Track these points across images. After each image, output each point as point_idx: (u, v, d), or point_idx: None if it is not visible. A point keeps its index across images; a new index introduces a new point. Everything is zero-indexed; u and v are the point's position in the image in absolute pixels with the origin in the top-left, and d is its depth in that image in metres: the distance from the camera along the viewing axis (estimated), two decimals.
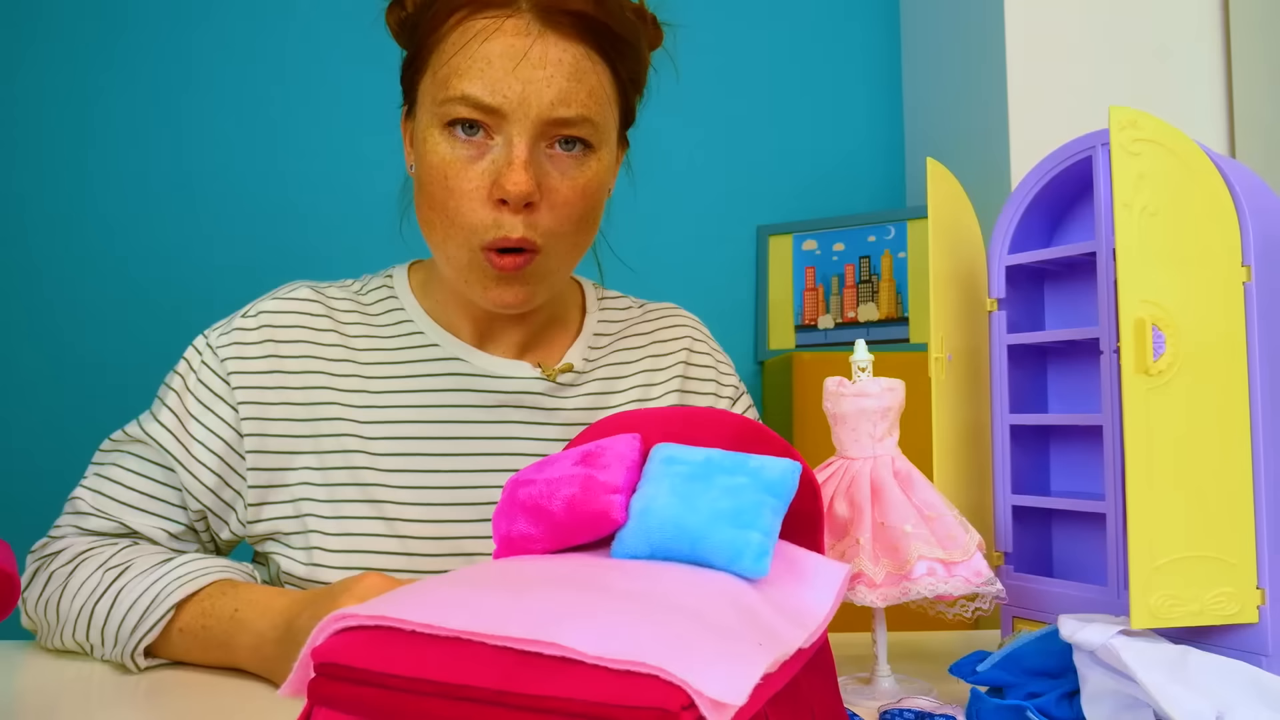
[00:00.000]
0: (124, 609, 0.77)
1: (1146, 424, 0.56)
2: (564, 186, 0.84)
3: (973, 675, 0.60)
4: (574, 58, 0.82)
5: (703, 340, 1.05)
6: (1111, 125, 0.57)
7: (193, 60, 2.21)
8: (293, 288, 0.94)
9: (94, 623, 0.78)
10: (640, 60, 0.91)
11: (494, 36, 0.81)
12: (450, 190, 0.83)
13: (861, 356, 0.68)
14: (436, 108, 0.83)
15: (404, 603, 0.42)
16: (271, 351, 0.89)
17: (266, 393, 0.88)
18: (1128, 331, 0.56)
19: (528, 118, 0.81)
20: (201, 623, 0.76)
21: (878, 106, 2.35)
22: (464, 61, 0.81)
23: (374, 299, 0.96)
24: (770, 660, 0.39)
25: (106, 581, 0.79)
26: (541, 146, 0.83)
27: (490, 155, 0.82)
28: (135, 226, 2.17)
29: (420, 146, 0.85)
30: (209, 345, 0.89)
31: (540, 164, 0.83)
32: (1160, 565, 0.56)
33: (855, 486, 0.65)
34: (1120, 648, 0.52)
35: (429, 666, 0.39)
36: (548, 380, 0.93)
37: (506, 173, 0.81)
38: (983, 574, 0.63)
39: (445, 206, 0.83)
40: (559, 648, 0.37)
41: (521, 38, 0.81)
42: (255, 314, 0.91)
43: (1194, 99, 1.88)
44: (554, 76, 0.81)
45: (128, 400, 0.94)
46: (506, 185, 0.80)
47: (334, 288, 0.96)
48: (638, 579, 0.44)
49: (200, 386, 0.88)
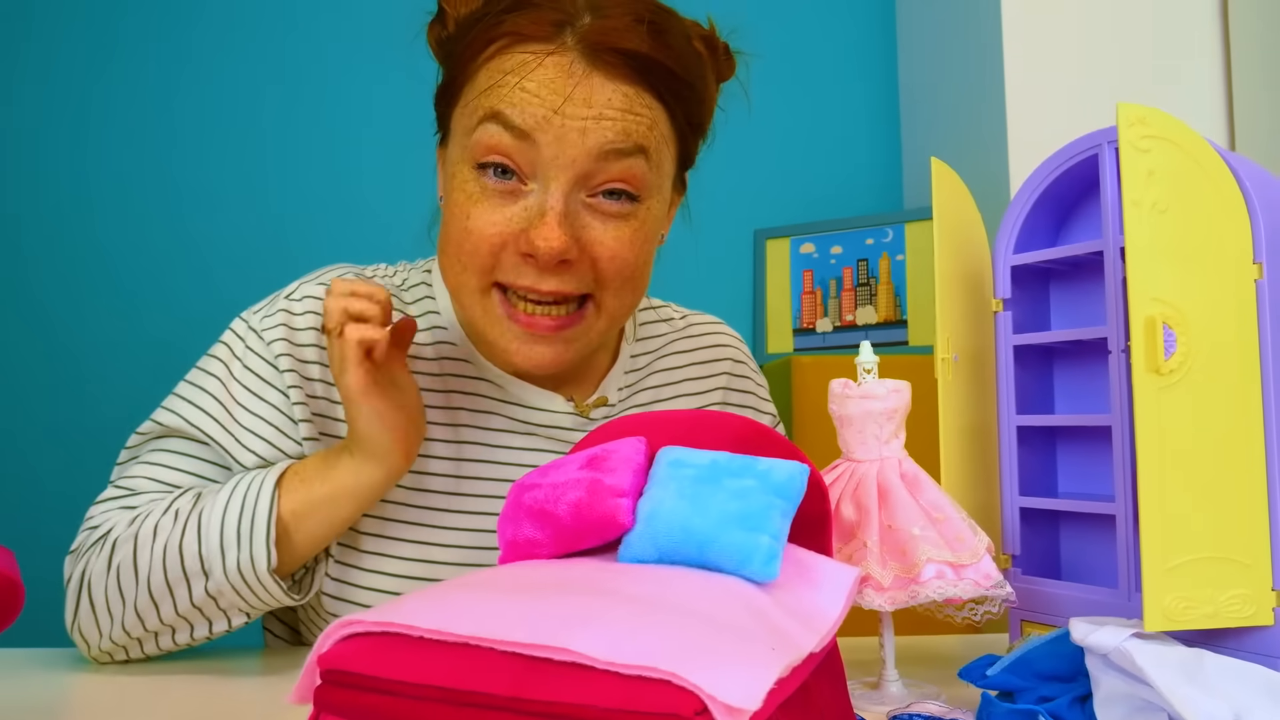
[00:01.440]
0: (220, 514, 0.74)
1: (1158, 424, 0.55)
2: (609, 239, 0.76)
3: (982, 679, 0.59)
4: (625, 97, 0.74)
5: (744, 363, 1.01)
6: (1120, 122, 0.57)
7: (189, 65, 2.21)
8: (337, 274, 0.88)
9: (187, 553, 0.73)
10: (703, 101, 0.83)
11: (536, 73, 0.73)
12: (469, 231, 0.75)
13: (867, 358, 0.67)
14: (466, 139, 0.76)
15: (411, 608, 0.41)
16: (315, 340, 0.83)
17: (314, 385, 0.82)
18: (1138, 330, 0.56)
19: (567, 158, 0.73)
20: (300, 476, 0.77)
21: (875, 109, 2.35)
22: (504, 95, 0.74)
23: (414, 297, 0.90)
24: (783, 664, 0.38)
25: (186, 515, 0.75)
26: (581, 196, 0.75)
27: (523, 203, 0.75)
28: (135, 229, 2.17)
29: (450, 181, 0.79)
30: (252, 329, 0.83)
31: (578, 216, 0.75)
32: (1173, 567, 0.55)
33: (862, 489, 0.65)
34: (1134, 651, 0.51)
35: (437, 673, 0.39)
36: (580, 415, 0.88)
37: (538, 226, 0.73)
38: (992, 577, 0.62)
39: (460, 248, 0.77)
40: (569, 653, 0.37)
41: (564, 78, 0.73)
42: (301, 298, 0.84)
43: (1193, 99, 1.88)
44: (602, 116, 0.73)
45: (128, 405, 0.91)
46: (536, 241, 0.73)
47: (379, 279, 0.90)
48: (647, 583, 0.44)
49: (246, 373, 0.82)
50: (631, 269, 0.78)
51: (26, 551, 0.80)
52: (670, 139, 0.80)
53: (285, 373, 0.81)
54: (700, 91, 0.82)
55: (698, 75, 0.81)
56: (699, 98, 0.82)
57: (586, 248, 0.76)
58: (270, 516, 0.74)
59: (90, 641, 0.78)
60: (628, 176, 0.75)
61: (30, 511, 1.98)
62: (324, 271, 0.88)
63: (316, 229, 2.19)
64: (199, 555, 0.73)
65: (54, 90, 2.18)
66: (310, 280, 0.87)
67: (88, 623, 0.77)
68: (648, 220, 0.79)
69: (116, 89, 2.19)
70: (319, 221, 2.19)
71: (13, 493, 2.05)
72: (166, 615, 0.75)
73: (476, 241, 0.75)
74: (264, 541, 0.73)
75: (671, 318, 1.01)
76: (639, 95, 0.75)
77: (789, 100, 2.32)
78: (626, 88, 0.75)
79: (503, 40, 0.75)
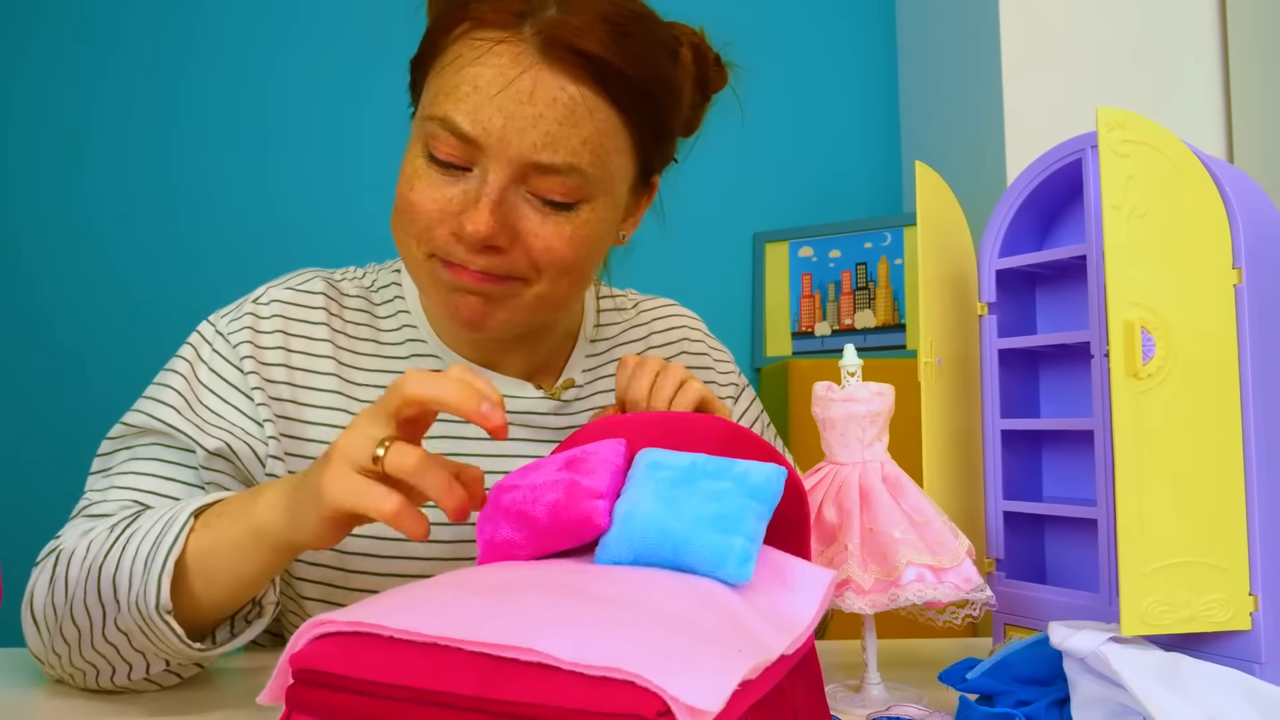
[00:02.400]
0: (139, 539, 0.67)
1: (1136, 428, 0.55)
2: (544, 231, 0.76)
3: (962, 683, 0.60)
4: (570, 99, 0.74)
5: (701, 341, 1.03)
6: (1100, 126, 0.57)
7: (190, 66, 2.21)
8: (306, 278, 0.89)
9: (104, 575, 0.67)
10: (672, 111, 0.82)
11: (485, 59, 0.74)
12: (411, 203, 0.77)
13: (850, 361, 0.67)
14: (422, 121, 0.77)
15: (382, 609, 0.41)
16: (282, 344, 0.83)
17: (277, 387, 0.82)
18: (1117, 334, 0.56)
19: (505, 154, 0.73)
20: (218, 512, 0.68)
21: (874, 113, 2.35)
22: (452, 79, 0.75)
23: (382, 299, 0.90)
24: (749, 666, 0.39)
25: (116, 534, 0.70)
26: (521, 189, 0.76)
27: (463, 185, 0.76)
28: (133, 231, 2.17)
29: (407, 149, 0.80)
30: (218, 332, 0.83)
31: (515, 206, 0.76)
32: (1151, 571, 0.55)
33: (844, 492, 0.65)
34: (1110, 655, 0.51)
35: (406, 672, 0.39)
36: (552, 399, 0.89)
37: (469, 211, 0.74)
38: (972, 580, 0.62)
39: (403, 215, 0.78)
40: (536, 654, 0.37)
41: (512, 66, 0.73)
42: (268, 301, 0.85)
43: (1191, 103, 1.88)
44: (542, 116, 0.73)
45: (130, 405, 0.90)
46: (465, 225, 0.74)
47: (347, 282, 0.91)
48: (617, 584, 0.44)
49: (211, 375, 0.82)
50: (568, 263, 0.78)
51: (28, 553, 0.80)
52: (625, 147, 0.79)
53: (249, 374, 0.81)
54: (669, 101, 0.80)
55: (665, 83, 0.80)
56: (665, 108, 0.80)
57: (520, 237, 0.76)
58: (171, 548, 0.66)
59: (41, 659, 0.73)
60: (561, 189, 0.75)
61: (31, 512, 1.99)
62: (291, 276, 0.89)
63: (317, 230, 2.20)
64: (113, 581, 0.67)
65: (53, 90, 2.19)
66: (278, 284, 0.87)
67: (32, 639, 0.72)
68: (591, 220, 0.78)
69: (116, 88, 2.20)
70: (319, 222, 2.20)
71: (14, 494, 2.06)
72: (88, 648, 0.69)
73: (415, 213, 0.77)
74: (158, 575, 0.65)
75: (624, 306, 1.01)
76: (585, 99, 0.74)
77: (788, 104, 2.32)
78: (574, 89, 0.74)
79: (465, 24, 0.76)
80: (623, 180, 0.80)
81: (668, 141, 0.84)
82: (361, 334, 0.88)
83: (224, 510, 0.68)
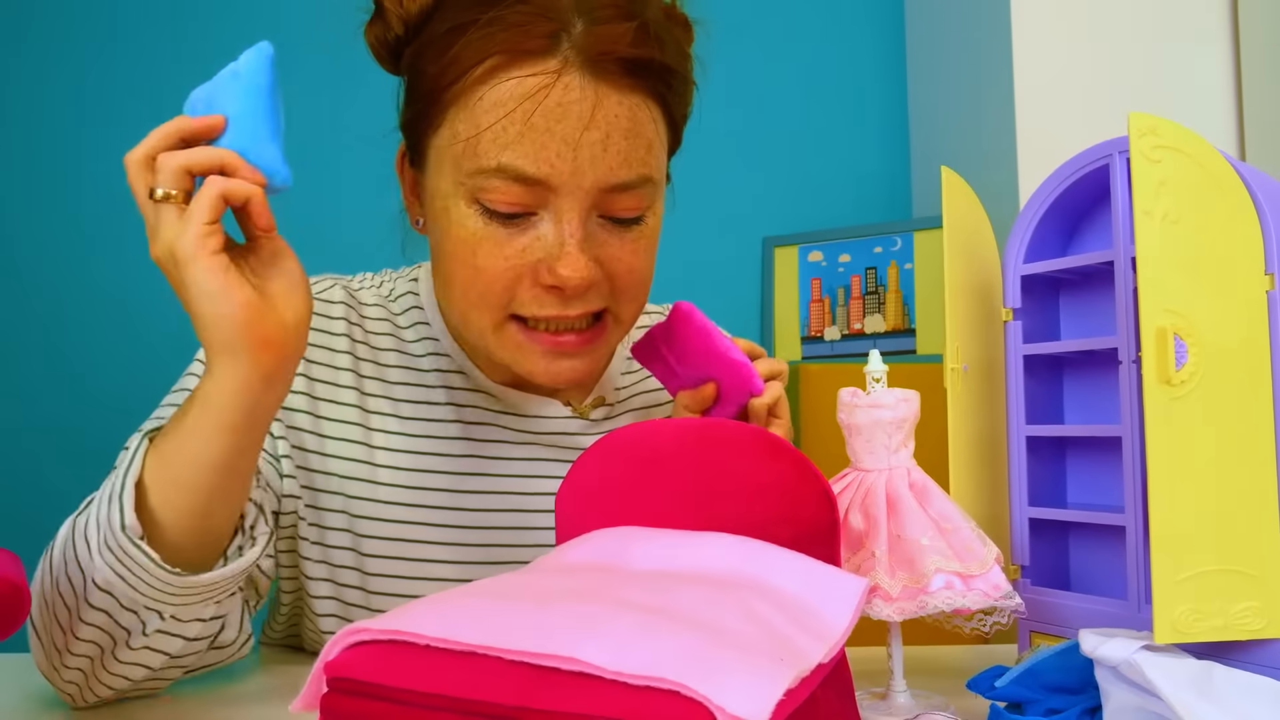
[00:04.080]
0: (105, 488, 0.64)
1: (1169, 435, 0.55)
2: (624, 254, 0.74)
3: (991, 691, 0.59)
4: (630, 110, 0.71)
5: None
6: (1131, 132, 0.56)
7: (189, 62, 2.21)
8: (324, 286, 0.86)
9: (77, 535, 0.64)
10: (688, 84, 0.80)
11: (533, 92, 0.68)
12: (479, 270, 0.71)
13: (876, 367, 0.67)
14: (464, 178, 0.71)
15: (418, 616, 0.41)
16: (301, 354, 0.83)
17: (295, 397, 0.80)
18: (1149, 341, 0.55)
19: (581, 188, 0.69)
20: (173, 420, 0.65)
21: (884, 117, 2.35)
22: (501, 127, 0.69)
23: (402, 308, 0.87)
24: (792, 675, 0.38)
25: (88, 500, 0.66)
26: (594, 216, 0.72)
27: (534, 232, 0.71)
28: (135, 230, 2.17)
29: (440, 215, 0.73)
30: None
31: (595, 236, 0.72)
32: (1184, 579, 0.55)
33: (870, 499, 0.64)
34: (1144, 663, 0.51)
35: (444, 681, 0.39)
36: (580, 418, 0.87)
37: (560, 258, 0.70)
38: (1001, 587, 0.62)
39: (469, 287, 0.73)
40: (576, 662, 0.36)
41: (565, 93, 0.68)
42: None
43: (1205, 109, 1.87)
44: (610, 137, 0.69)
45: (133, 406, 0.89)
46: (562, 272, 0.70)
47: (365, 290, 0.88)
48: (655, 592, 0.44)
49: None
50: (644, 277, 0.77)
51: (29, 556, 0.79)
52: (665, 136, 0.77)
53: None
54: (686, 76, 0.78)
55: (683, 59, 0.78)
56: (686, 83, 0.78)
57: (604, 265, 0.73)
58: (129, 469, 0.62)
59: (47, 673, 0.68)
60: (635, 204, 0.73)
61: (33, 514, 1.99)
62: (311, 282, 0.85)
63: (316, 230, 2.19)
64: (85, 536, 0.63)
65: (52, 88, 2.19)
66: None
67: (36, 651, 0.67)
68: (655, 226, 0.77)
69: (115, 87, 2.20)
70: (319, 222, 2.20)
71: (14, 495, 2.06)
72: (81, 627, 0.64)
73: (489, 280, 0.72)
74: (119, 500, 0.61)
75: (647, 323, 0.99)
76: (642, 105, 0.72)
77: (798, 108, 2.32)
78: (631, 99, 0.71)
79: (492, 60, 0.69)
80: (664, 172, 0.79)
81: (684, 125, 0.82)
82: (385, 344, 0.86)
83: (176, 416, 0.65)
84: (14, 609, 0.50)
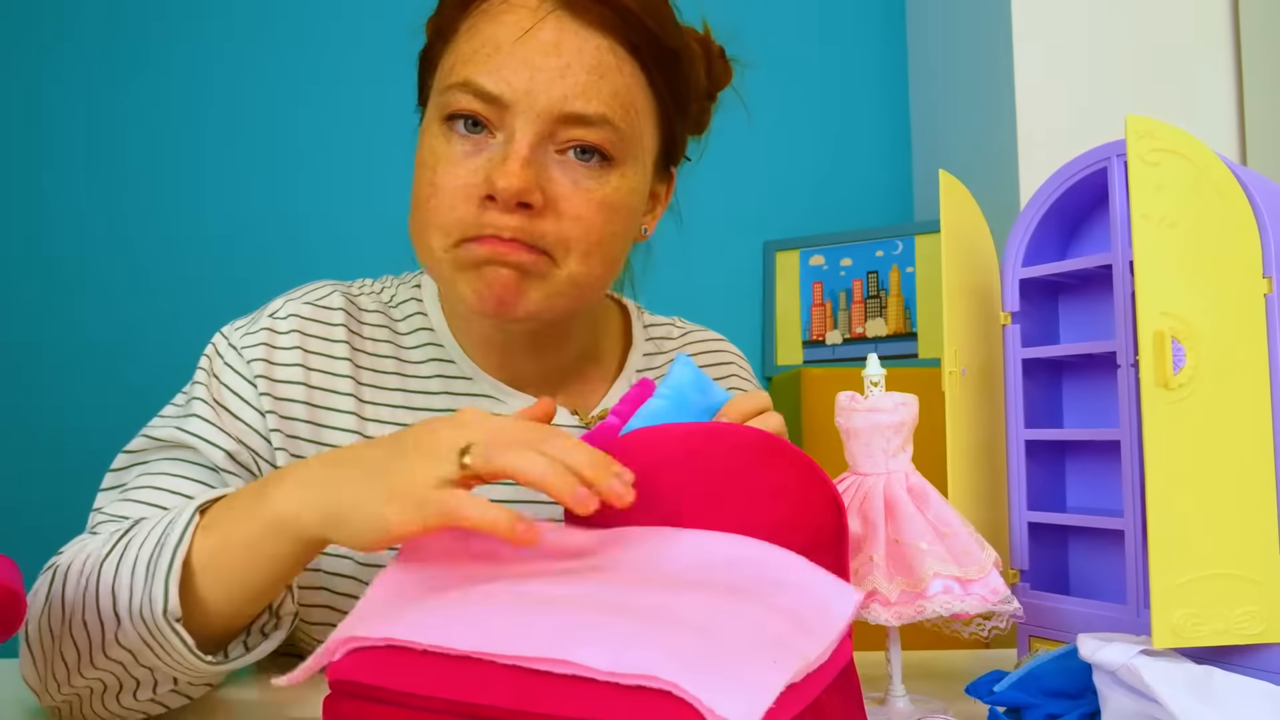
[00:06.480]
0: (139, 543, 0.62)
1: (1167, 438, 0.55)
2: (576, 196, 0.73)
3: (990, 695, 0.59)
4: (596, 49, 0.72)
5: (747, 377, 1.00)
6: (1129, 135, 0.56)
7: (211, 66, 2.22)
8: (324, 293, 0.85)
9: (103, 586, 0.61)
10: (687, 81, 0.80)
11: (502, 15, 0.72)
12: (435, 187, 0.73)
13: (874, 371, 0.67)
14: (438, 98, 0.75)
15: (416, 621, 0.41)
16: (300, 360, 0.80)
17: (293, 406, 0.79)
18: (1147, 344, 0.55)
19: (533, 109, 0.71)
20: (226, 505, 0.62)
21: (885, 120, 2.35)
22: (469, 45, 0.73)
23: (404, 313, 0.87)
24: (785, 679, 0.38)
25: (114, 541, 0.64)
26: (550, 149, 0.73)
27: (487, 153, 0.73)
28: (135, 233, 2.18)
29: (418, 149, 0.77)
30: (231, 345, 0.80)
31: (546, 167, 0.73)
32: (1183, 583, 0.54)
33: (869, 503, 0.64)
34: (1142, 668, 0.51)
35: (443, 684, 0.39)
36: (585, 427, 0.85)
37: (499, 167, 0.71)
38: (999, 592, 0.62)
39: (425, 205, 0.74)
40: (571, 665, 0.37)
41: (530, 17, 0.72)
42: (286, 315, 0.81)
43: (1205, 113, 1.87)
44: (570, 67, 0.71)
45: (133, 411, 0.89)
46: (498, 182, 0.70)
47: (365, 296, 0.87)
48: (649, 595, 0.44)
49: (223, 389, 0.78)
50: (597, 234, 0.74)
51: (29, 561, 0.79)
52: (650, 111, 0.77)
53: (262, 395, 0.79)
54: (684, 66, 0.79)
55: (683, 49, 0.78)
56: (683, 73, 0.79)
57: (551, 202, 0.73)
58: (177, 547, 0.60)
59: (35, 687, 0.66)
60: (592, 139, 0.73)
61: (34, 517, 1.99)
62: (309, 290, 0.85)
63: (317, 230, 2.20)
64: (112, 591, 0.61)
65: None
66: (295, 298, 0.84)
67: (26, 666, 0.66)
68: (621, 189, 0.75)
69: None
70: (319, 223, 2.20)
71: (12, 500, 2.06)
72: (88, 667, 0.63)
73: (442, 197, 0.73)
74: (164, 578, 0.59)
75: (671, 335, 0.97)
76: (613, 50, 0.73)
77: (799, 112, 2.32)
78: (600, 39, 0.73)
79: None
80: (648, 151, 0.78)
81: (684, 119, 0.82)
82: (382, 350, 0.85)
83: (232, 504, 0.63)
84: (9, 617, 0.49)
